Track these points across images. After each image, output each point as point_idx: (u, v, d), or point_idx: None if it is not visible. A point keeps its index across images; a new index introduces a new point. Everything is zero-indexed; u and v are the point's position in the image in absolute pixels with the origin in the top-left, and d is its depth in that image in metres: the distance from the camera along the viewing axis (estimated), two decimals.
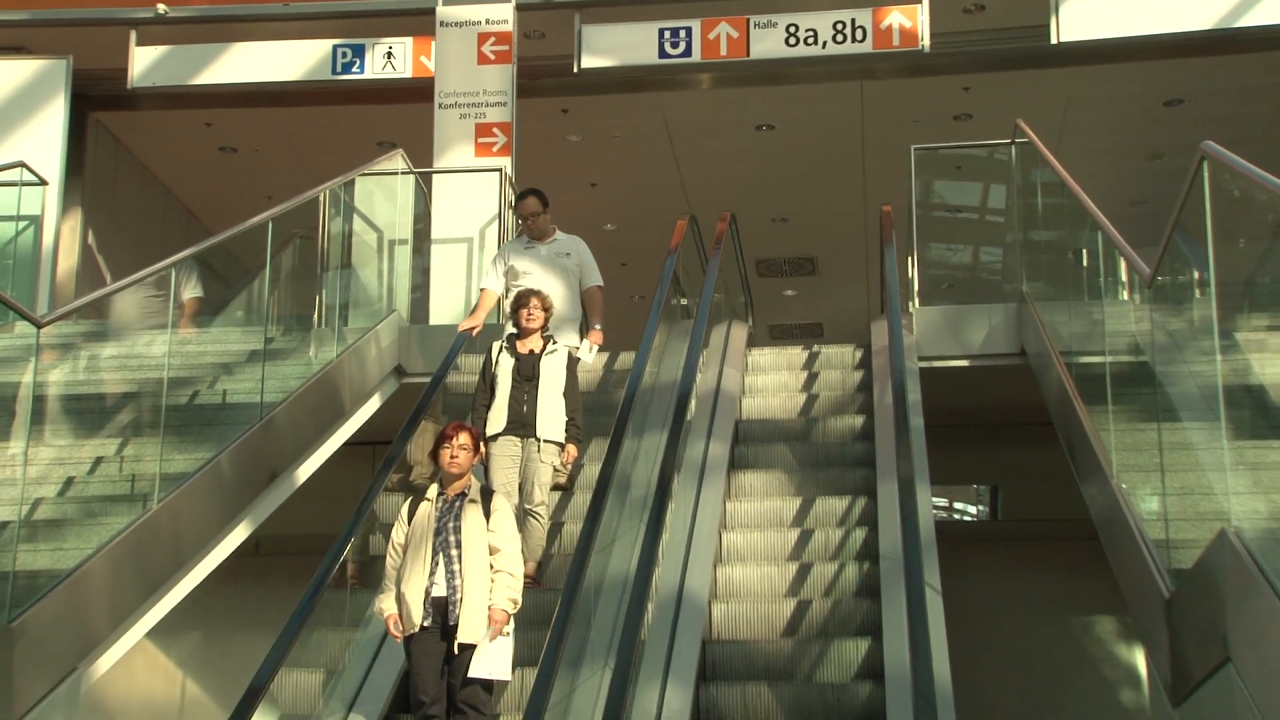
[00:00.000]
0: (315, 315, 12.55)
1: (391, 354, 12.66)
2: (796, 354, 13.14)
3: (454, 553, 7.61)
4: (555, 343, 10.02)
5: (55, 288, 14.84)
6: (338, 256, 13.13)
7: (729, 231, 13.73)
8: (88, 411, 10.01)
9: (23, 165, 14.66)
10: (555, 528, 10.04)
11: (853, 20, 14.92)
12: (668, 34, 15.31)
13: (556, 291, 10.79)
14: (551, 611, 7.75)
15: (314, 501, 10.91)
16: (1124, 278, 9.76)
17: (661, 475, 8.95)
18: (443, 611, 7.52)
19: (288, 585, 8.71)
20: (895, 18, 14.86)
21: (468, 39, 15.08)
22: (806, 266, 21.67)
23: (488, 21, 15.08)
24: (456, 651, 7.39)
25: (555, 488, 9.93)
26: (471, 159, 14.72)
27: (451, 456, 7.84)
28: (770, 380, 12.53)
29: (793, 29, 15.05)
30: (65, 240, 15.88)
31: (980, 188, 15.37)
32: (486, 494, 7.96)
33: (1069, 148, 12.36)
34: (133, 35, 15.69)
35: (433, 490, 7.91)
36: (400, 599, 7.58)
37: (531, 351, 9.80)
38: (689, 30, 15.28)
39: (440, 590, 7.55)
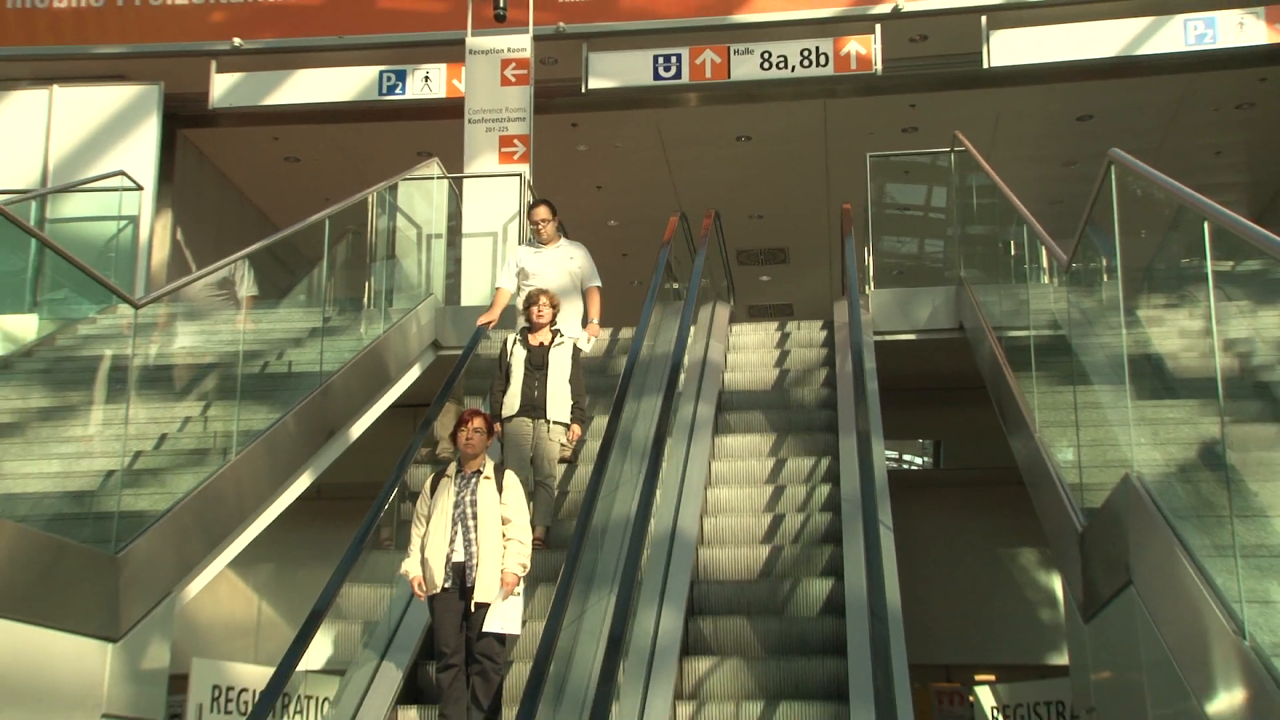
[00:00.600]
0: (365, 298, 12.56)
1: (429, 330, 12.67)
2: (771, 330, 13.10)
3: (471, 523, 7.60)
4: (562, 336, 9.97)
5: (150, 277, 14.85)
6: (384, 248, 13.12)
7: (713, 226, 13.70)
8: (177, 379, 10.04)
9: (123, 174, 14.89)
10: (562, 495, 9.98)
11: (817, 48, 14.99)
12: (661, 60, 15.34)
13: (561, 289, 10.66)
14: (559, 570, 7.79)
15: (364, 455, 10.91)
16: (1045, 264, 9.76)
17: (657, 432, 8.92)
18: (461, 574, 7.52)
19: (343, 525, 8.76)
20: (853, 45, 14.94)
21: (492, 64, 15.03)
22: (779, 256, 21.60)
23: (509, 50, 15.04)
24: (473, 609, 7.42)
25: (561, 460, 9.85)
26: (495, 165, 14.66)
27: (467, 438, 7.79)
28: (750, 354, 12.52)
29: (766, 55, 15.10)
30: (158, 237, 15.85)
31: (925, 189, 15.39)
32: (500, 470, 7.91)
33: (999, 156, 12.37)
34: (213, 64, 15.74)
35: (452, 468, 7.87)
36: (424, 563, 7.58)
37: (541, 344, 9.78)
38: (679, 56, 15.31)
39: (459, 556, 7.55)
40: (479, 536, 7.53)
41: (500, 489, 7.73)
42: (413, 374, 12.07)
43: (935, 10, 15.11)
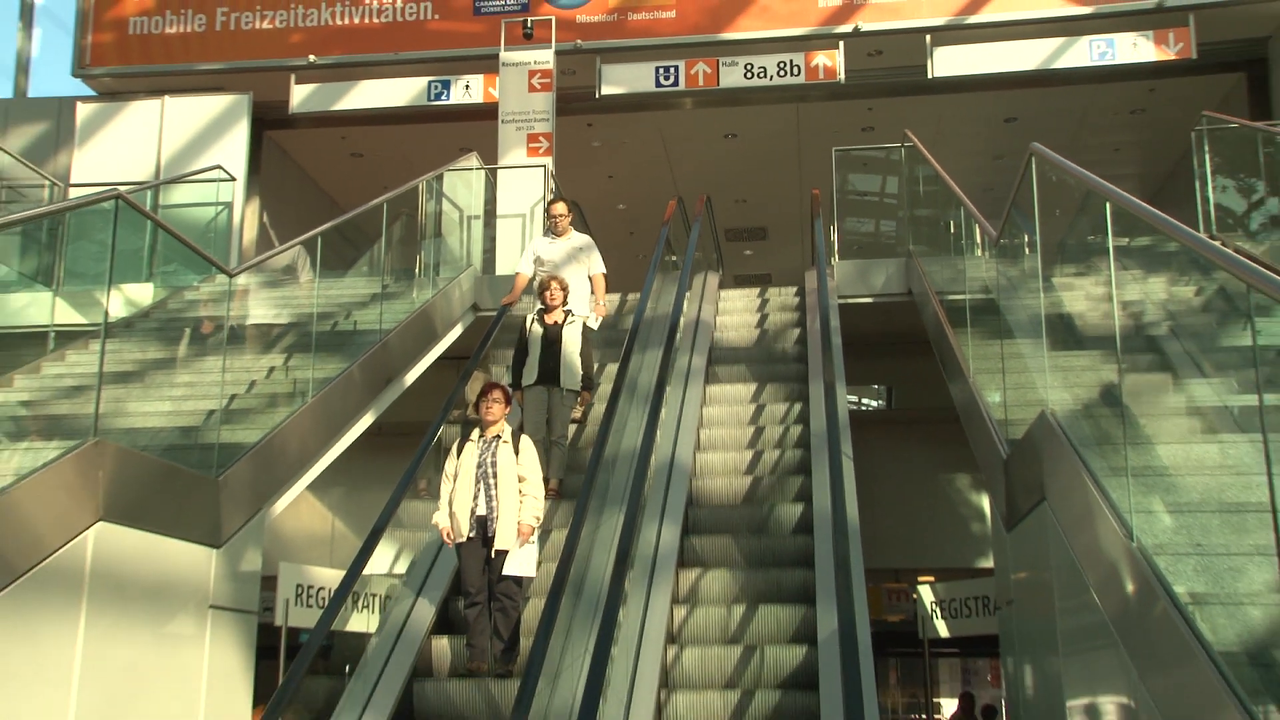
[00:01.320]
0: (416, 268, 12.54)
1: (470, 295, 12.63)
2: (753, 295, 13.08)
3: (491, 481, 7.48)
4: (573, 315, 9.73)
5: (241, 252, 14.88)
6: (431, 227, 13.10)
7: (705, 209, 13.69)
8: (263, 336, 10.04)
9: (219, 168, 14.99)
10: (575, 449, 9.79)
11: (791, 60, 14.92)
12: (661, 71, 15.28)
13: (571, 275, 10.38)
14: (571, 516, 7.76)
15: (416, 398, 10.87)
16: (978, 240, 9.71)
17: (659, 379, 8.93)
18: (483, 525, 7.42)
19: (399, 457, 8.77)
20: (820, 59, 14.88)
21: (521, 75, 14.98)
22: (760, 233, 21.54)
23: (535, 63, 14.98)
24: (494, 556, 7.34)
25: (572, 421, 9.65)
26: (524, 158, 14.61)
27: (487, 408, 7.67)
28: (735, 315, 12.49)
29: (749, 66, 15.03)
30: (248, 219, 15.96)
31: (880, 178, 15.34)
32: (516, 435, 7.75)
33: (941, 151, 12.30)
34: (292, 77, 15.79)
35: (475, 433, 7.72)
36: (451, 516, 7.49)
37: (555, 323, 9.52)
38: (676, 68, 15.25)
39: (481, 510, 7.44)
40: (499, 493, 7.44)
41: (517, 451, 7.61)
42: (456, 331, 12.06)
43: (888, 30, 15.16)
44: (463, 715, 7.14)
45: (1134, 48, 14.28)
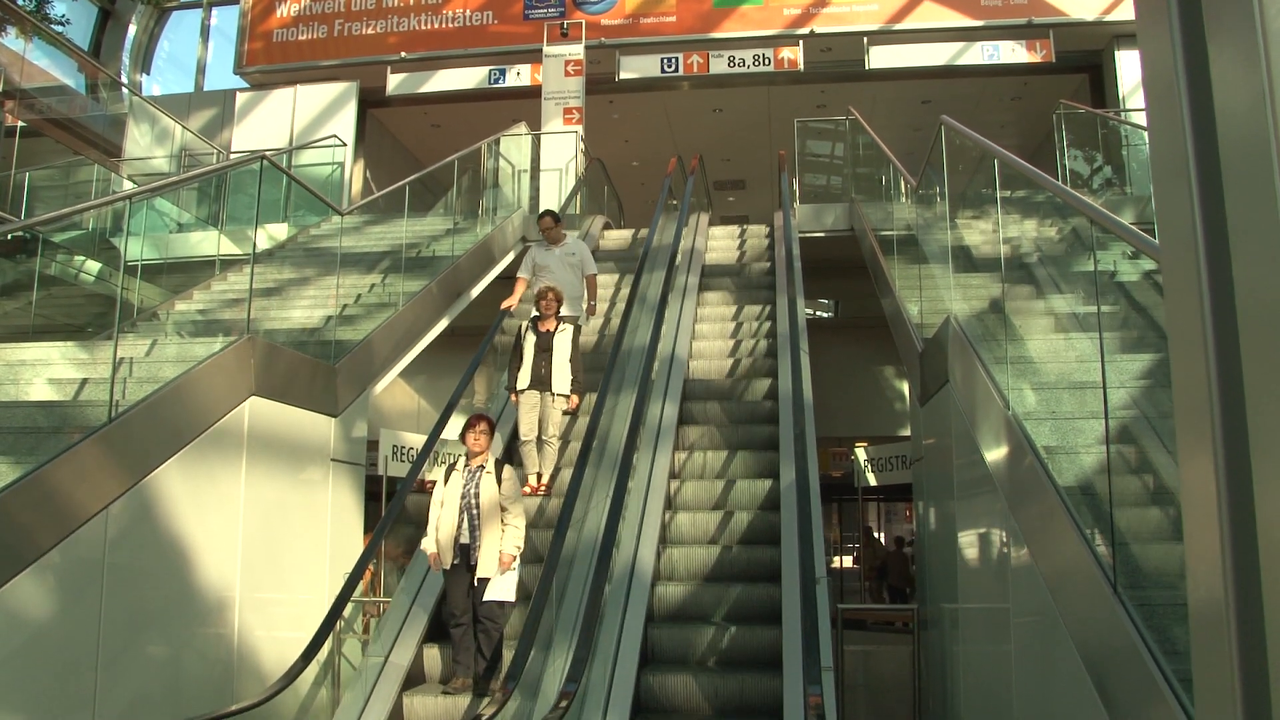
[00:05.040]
0: (480, 210, 12.51)
1: (520, 230, 12.51)
2: (735, 231, 13.00)
3: (475, 511, 6.21)
4: (564, 323, 8.16)
5: (350, 198, 14.93)
6: (491, 179, 13.07)
7: (699, 165, 13.64)
8: (365, 260, 10.04)
9: (335, 137, 15.11)
10: (564, 442, 8.41)
11: (763, 54, 15.01)
12: (665, 61, 15.34)
13: (567, 279, 9.01)
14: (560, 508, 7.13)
15: (481, 308, 10.75)
16: (903, 190, 9.73)
17: (663, 291, 8.98)
18: (467, 553, 6.19)
19: (467, 352, 8.72)
20: (786, 53, 14.96)
21: (560, 64, 14.93)
22: (740, 184, 21.38)
23: (570, 55, 14.90)
24: (476, 583, 6.13)
25: (565, 413, 8.19)
26: (561, 127, 14.69)
27: (474, 439, 6.35)
28: (721, 245, 12.49)
29: (732, 58, 15.10)
30: (355, 175, 15.98)
31: (831, 144, 15.24)
32: (499, 465, 6.39)
33: (876, 124, 12.20)
34: (389, 69, 16.02)
35: (461, 462, 6.40)
36: (437, 543, 6.24)
37: (548, 330, 8.01)
38: (677, 59, 15.33)
39: (465, 538, 6.19)
40: (481, 522, 6.20)
41: (499, 481, 6.31)
42: (509, 257, 11.94)
43: (836, 33, 15.35)
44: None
45: (1012, 52, 14.98)
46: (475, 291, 10.84)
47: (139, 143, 14.62)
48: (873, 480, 11.36)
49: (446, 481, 6.36)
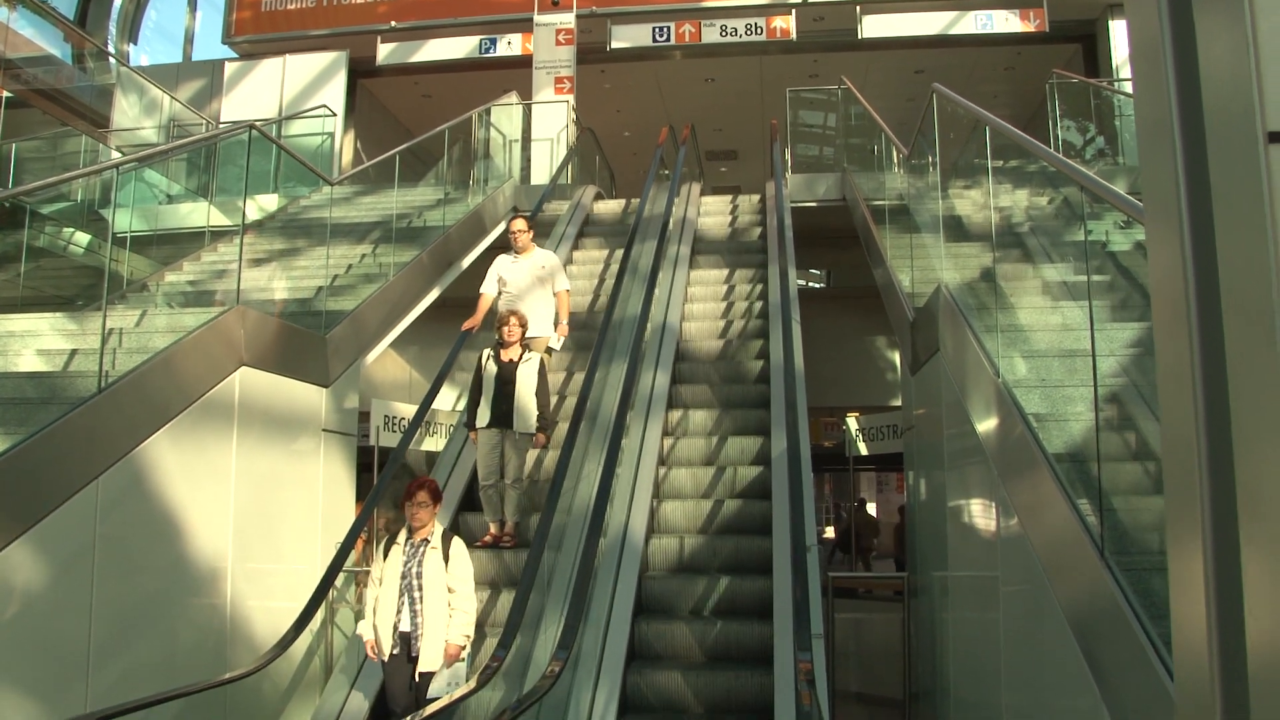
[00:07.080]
0: (470, 180, 12.39)
1: (510, 200, 12.46)
2: (727, 200, 12.89)
3: (416, 594, 5.30)
4: (530, 351, 7.12)
5: (340, 169, 14.87)
6: (482, 149, 12.95)
7: (691, 135, 13.58)
8: (356, 231, 9.99)
9: (324, 107, 15.02)
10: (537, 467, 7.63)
11: (755, 23, 14.99)
12: (657, 30, 15.29)
13: (534, 294, 7.88)
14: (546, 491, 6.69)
15: (471, 278, 10.71)
16: (895, 160, 9.70)
17: (654, 262, 8.93)
18: (408, 642, 5.29)
19: (457, 323, 8.68)
20: (778, 22, 14.95)
21: (551, 33, 14.87)
22: (732, 154, 21.34)
23: (561, 23, 14.86)
24: (418, 677, 5.26)
25: (535, 446, 7.05)
26: (552, 96, 14.64)
27: (413, 513, 5.44)
28: (713, 215, 12.40)
29: (724, 27, 15.11)
30: (345, 145, 15.99)
31: (823, 114, 15.19)
32: (447, 537, 5.50)
33: (869, 93, 12.14)
34: (378, 38, 16.00)
35: (402, 535, 5.47)
36: (375, 629, 5.34)
37: (511, 360, 6.89)
38: (669, 28, 15.28)
39: (405, 626, 5.28)
40: (424, 607, 5.30)
41: (446, 559, 5.40)
42: (501, 226, 11.85)
43: (828, 2, 15.39)
44: None
45: (1006, 21, 14.99)
46: (466, 262, 10.78)
47: (127, 113, 14.52)
48: (864, 450, 11.36)
49: (385, 557, 5.46)
